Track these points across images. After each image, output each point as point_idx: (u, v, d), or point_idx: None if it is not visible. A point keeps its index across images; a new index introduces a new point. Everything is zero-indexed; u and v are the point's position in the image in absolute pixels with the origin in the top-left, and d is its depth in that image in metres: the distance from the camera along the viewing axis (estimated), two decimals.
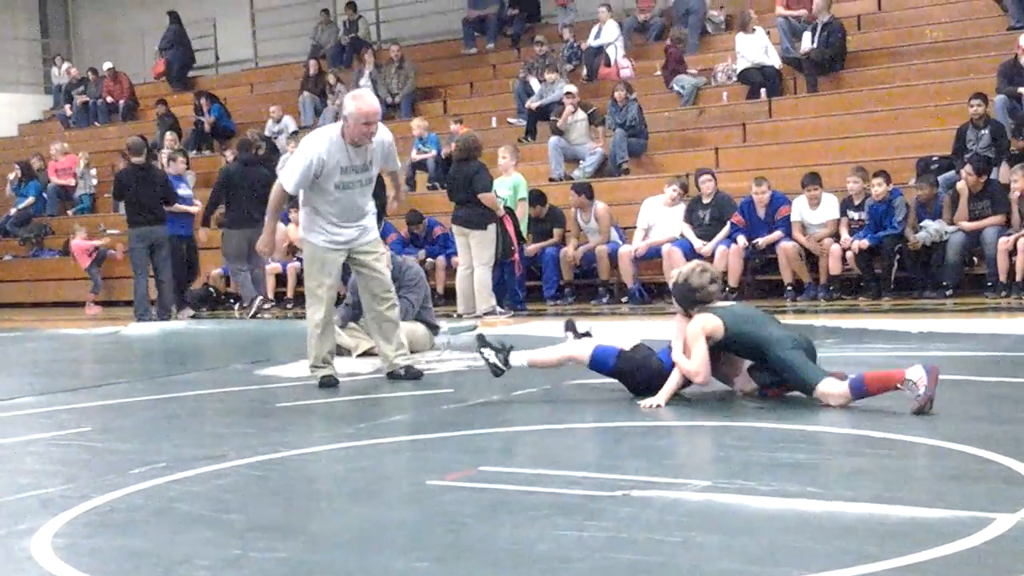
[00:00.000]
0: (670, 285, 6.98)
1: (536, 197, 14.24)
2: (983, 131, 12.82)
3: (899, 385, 6.00)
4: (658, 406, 6.46)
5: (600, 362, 6.85)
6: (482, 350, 7.20)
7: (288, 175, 7.98)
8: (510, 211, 13.29)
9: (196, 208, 15.68)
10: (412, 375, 8.22)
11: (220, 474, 5.36)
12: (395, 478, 5.26)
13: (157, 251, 14.71)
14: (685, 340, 6.55)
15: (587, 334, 7.59)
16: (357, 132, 7.80)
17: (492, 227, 12.61)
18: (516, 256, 13.20)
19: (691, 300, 6.63)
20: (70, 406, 7.89)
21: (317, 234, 8.05)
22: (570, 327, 7.74)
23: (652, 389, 6.59)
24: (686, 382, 6.58)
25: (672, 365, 6.60)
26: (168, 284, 14.94)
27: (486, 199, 12.57)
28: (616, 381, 6.92)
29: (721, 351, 6.62)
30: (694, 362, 6.47)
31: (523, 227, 13.84)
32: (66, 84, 25.25)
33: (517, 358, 7.12)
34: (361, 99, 7.90)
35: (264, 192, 14.67)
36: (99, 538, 4.42)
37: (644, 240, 13.63)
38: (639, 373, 6.74)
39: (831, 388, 6.21)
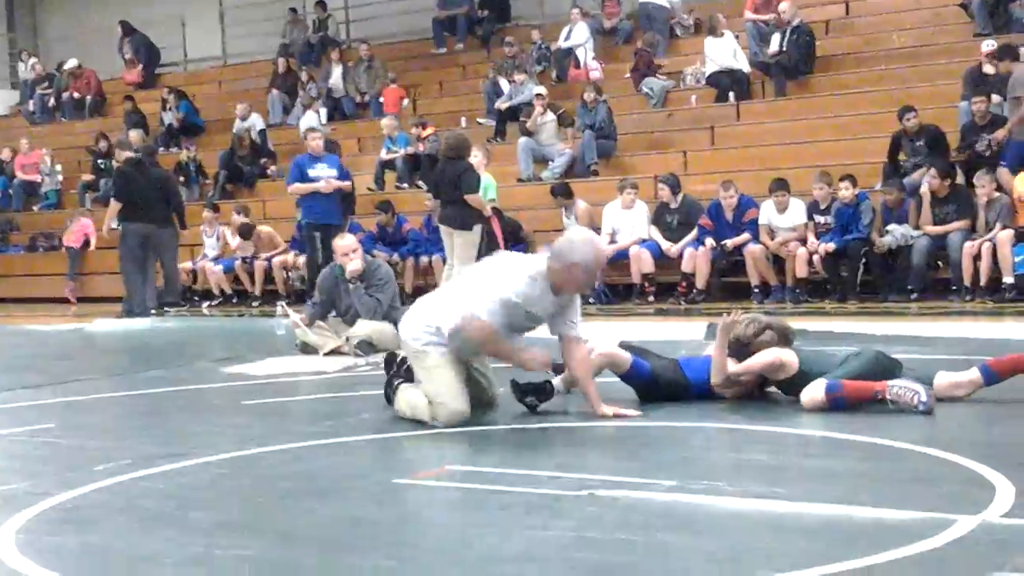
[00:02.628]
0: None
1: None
2: (918, 142, 12.91)
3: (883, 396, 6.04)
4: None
5: (639, 368, 6.70)
6: (524, 399, 6.64)
7: (487, 310, 6.11)
8: (498, 211, 13.18)
9: (326, 185, 14.14)
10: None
11: (185, 472, 5.34)
12: (362, 476, 5.25)
13: (153, 248, 14.46)
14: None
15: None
16: (584, 282, 6.32)
17: (477, 228, 12.40)
18: None
19: (747, 353, 6.51)
20: (34, 403, 7.83)
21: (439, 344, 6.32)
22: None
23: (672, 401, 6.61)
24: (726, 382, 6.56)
25: (698, 382, 6.61)
26: (152, 280, 14.76)
27: (473, 200, 12.33)
28: (623, 386, 6.81)
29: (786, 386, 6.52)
30: (737, 366, 6.45)
31: None
32: (32, 80, 25.07)
33: (556, 381, 6.81)
34: (599, 247, 6.50)
35: (163, 193, 14.60)
36: (63, 535, 4.39)
37: (611, 244, 13.64)
38: (671, 387, 6.66)
39: (808, 395, 6.22)
